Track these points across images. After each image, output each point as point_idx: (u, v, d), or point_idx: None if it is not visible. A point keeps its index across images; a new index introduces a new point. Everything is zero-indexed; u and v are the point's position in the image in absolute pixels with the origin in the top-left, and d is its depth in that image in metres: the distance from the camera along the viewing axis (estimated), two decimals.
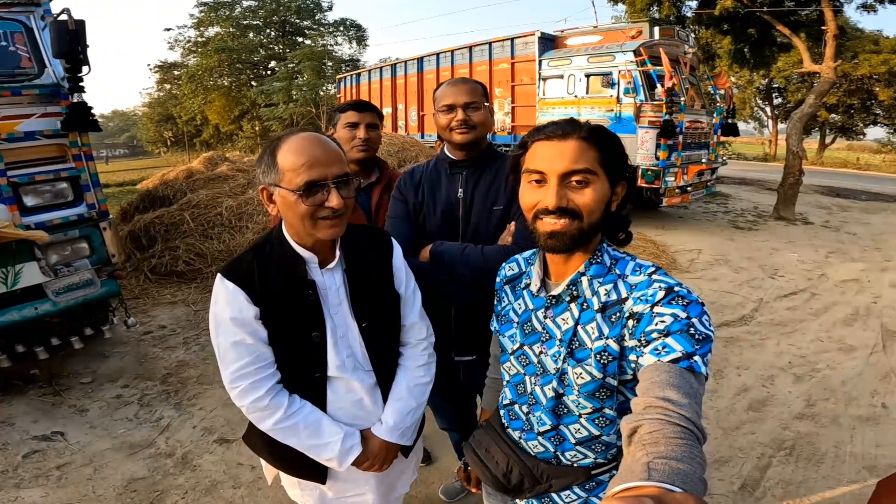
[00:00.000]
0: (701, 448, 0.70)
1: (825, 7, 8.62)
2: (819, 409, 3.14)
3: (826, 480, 2.51)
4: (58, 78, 3.16)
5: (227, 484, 2.52)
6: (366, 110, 2.02)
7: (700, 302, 0.92)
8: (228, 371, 1.23)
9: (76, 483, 2.54)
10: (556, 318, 1.06)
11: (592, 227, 1.00)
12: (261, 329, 1.23)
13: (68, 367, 3.65)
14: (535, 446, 1.13)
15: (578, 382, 1.01)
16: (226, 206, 6.28)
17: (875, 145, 31.75)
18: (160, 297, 5.06)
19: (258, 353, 1.24)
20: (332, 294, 1.28)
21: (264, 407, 1.25)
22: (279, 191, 1.17)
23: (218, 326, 1.23)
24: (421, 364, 1.46)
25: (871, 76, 21.90)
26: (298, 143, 1.16)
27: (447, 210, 1.69)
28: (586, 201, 0.97)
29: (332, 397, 1.32)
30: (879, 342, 4.09)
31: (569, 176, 0.97)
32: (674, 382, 0.79)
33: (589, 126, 1.01)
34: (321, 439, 1.30)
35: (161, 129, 36.37)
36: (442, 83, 1.73)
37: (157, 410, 3.17)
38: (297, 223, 1.18)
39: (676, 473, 0.61)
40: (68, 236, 3.18)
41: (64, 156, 3.18)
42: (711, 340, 0.88)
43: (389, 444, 1.39)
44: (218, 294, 1.23)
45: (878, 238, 7.84)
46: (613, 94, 8.23)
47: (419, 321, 1.45)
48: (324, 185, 1.15)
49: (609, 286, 1.01)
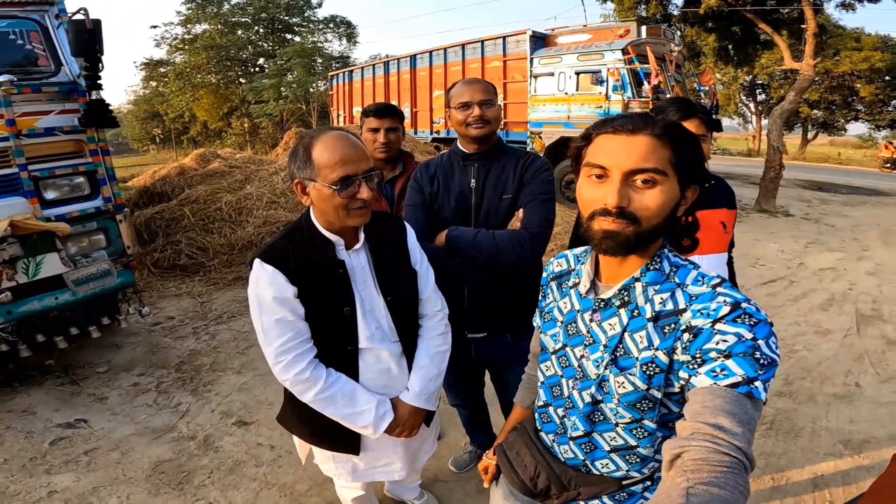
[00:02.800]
0: (746, 477, 0.67)
1: (805, 6, 8.90)
2: (796, 388, 3.36)
3: (804, 453, 2.71)
4: (73, 76, 3.26)
5: (250, 463, 2.66)
6: (385, 116, 2.19)
7: (769, 322, 0.84)
8: (273, 347, 1.35)
9: (105, 467, 2.65)
10: (603, 322, 1.00)
11: (652, 231, 0.91)
12: (299, 306, 1.35)
13: (83, 357, 3.76)
14: (566, 451, 1.09)
15: (619, 392, 0.96)
16: (225, 201, 6.39)
17: (856, 141, 32.47)
18: (165, 290, 5.17)
19: (298, 329, 1.36)
20: (358, 272, 1.43)
21: (306, 379, 1.37)
22: (315, 185, 1.30)
23: (261, 306, 1.34)
24: (439, 333, 1.61)
25: (853, 73, 22.42)
26: (332, 142, 1.29)
27: (460, 199, 1.83)
28: (650, 204, 0.88)
29: (363, 368, 1.46)
30: (854, 326, 4.33)
31: (635, 174, 0.88)
32: (728, 409, 0.74)
33: (664, 122, 0.91)
34: (357, 407, 1.43)
35: (147, 126, 35.97)
36: (456, 82, 1.88)
37: (175, 397, 3.30)
38: (332, 213, 1.32)
39: (716, 500, 0.59)
40: (86, 228, 3.29)
41: (81, 151, 3.29)
42: (776, 365, 0.81)
43: (417, 409, 1.53)
44: (258, 277, 1.34)
45: (857, 229, 8.14)
46: (602, 91, 8.45)
47: (434, 294, 1.60)
48: (355, 180, 1.29)
49: (665, 295, 0.93)
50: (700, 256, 1.72)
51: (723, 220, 1.77)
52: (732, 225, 1.85)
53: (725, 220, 1.78)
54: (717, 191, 1.80)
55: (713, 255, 1.76)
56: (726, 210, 1.80)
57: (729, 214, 1.81)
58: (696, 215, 1.69)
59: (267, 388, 3.36)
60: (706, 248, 1.73)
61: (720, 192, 1.82)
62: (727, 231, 1.79)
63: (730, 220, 1.81)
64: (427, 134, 12.78)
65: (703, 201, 1.69)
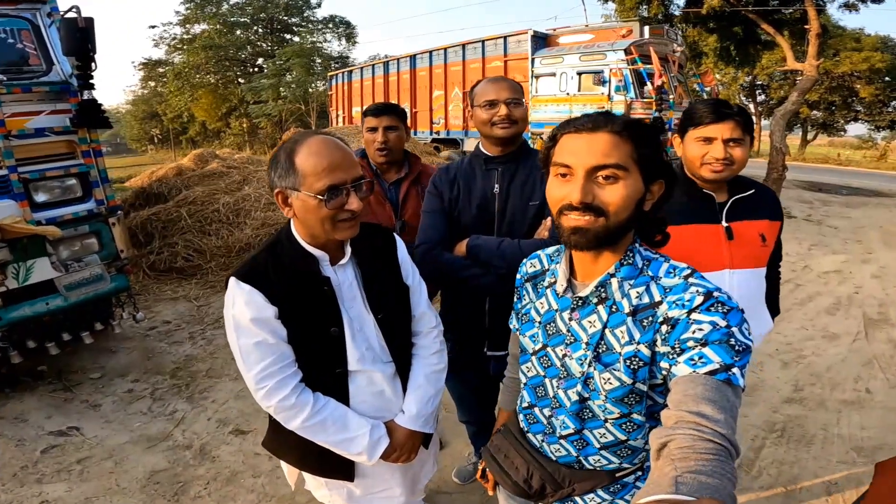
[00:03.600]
0: (733, 464, 0.68)
1: (808, 6, 8.85)
2: (806, 394, 3.29)
3: (817, 460, 2.64)
4: (65, 75, 3.19)
5: (247, 473, 2.59)
6: (383, 114, 2.08)
7: (740, 309, 0.87)
8: (253, 372, 1.24)
9: (99, 476, 2.58)
10: (583, 320, 1.01)
11: (620, 226, 0.93)
12: (280, 328, 1.24)
13: (76, 362, 3.69)
14: (557, 450, 1.10)
15: (606, 388, 0.97)
16: (222, 202, 6.30)
17: (855, 141, 32.45)
18: (161, 294, 5.09)
19: (281, 352, 1.25)
20: (346, 289, 1.31)
21: (291, 405, 1.26)
22: (299, 195, 1.17)
23: (238, 328, 1.23)
24: (434, 351, 1.50)
25: (853, 73, 22.41)
26: (317, 147, 1.17)
27: (482, 205, 1.72)
28: (613, 199, 0.91)
29: (353, 391, 1.35)
30: (861, 330, 4.26)
31: (596, 171, 0.91)
32: (709, 396, 0.75)
33: (624, 119, 0.95)
34: (350, 433, 1.31)
35: (146, 126, 35.91)
36: (480, 80, 1.77)
37: (170, 404, 3.22)
38: (317, 226, 1.20)
39: (704, 487, 0.60)
40: (78, 232, 3.21)
41: (73, 152, 3.21)
42: (751, 351, 0.84)
43: (414, 433, 1.42)
44: (234, 297, 1.23)
45: (859, 231, 8.08)
46: (605, 91, 8.40)
47: (427, 310, 1.49)
48: (344, 189, 1.17)
49: (641, 289, 0.96)
50: (731, 271, 1.59)
51: (762, 233, 1.62)
52: (775, 237, 1.69)
53: (766, 233, 1.63)
54: (757, 199, 1.65)
55: (747, 269, 1.61)
56: (768, 221, 1.64)
57: (771, 226, 1.65)
58: (732, 226, 1.61)
59: None
60: (738, 262, 1.59)
61: (761, 200, 1.66)
62: (766, 244, 1.63)
63: (771, 233, 1.65)
64: (427, 134, 12.73)
65: (739, 212, 1.61)
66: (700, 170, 1.56)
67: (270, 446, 1.49)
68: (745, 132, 1.52)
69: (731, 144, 1.51)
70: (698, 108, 1.59)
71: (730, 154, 1.51)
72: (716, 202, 1.59)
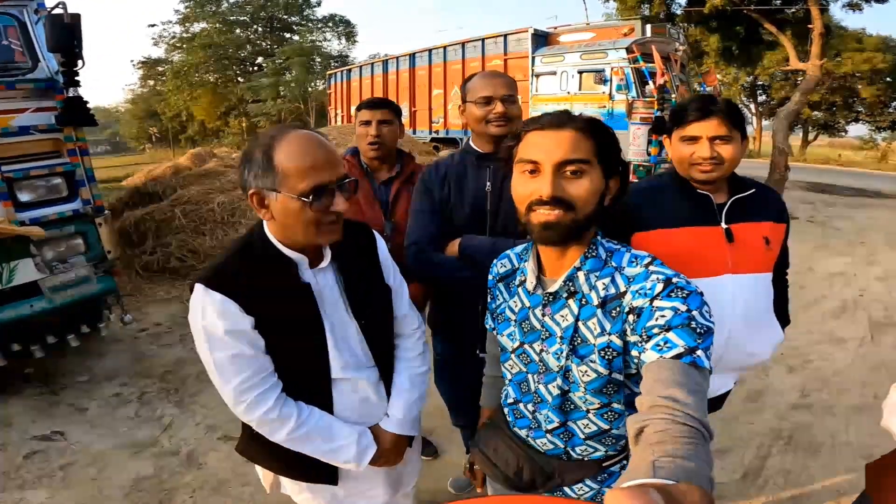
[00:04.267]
0: (708, 447, 0.70)
1: (812, 5, 8.76)
2: (813, 400, 3.21)
3: (825, 469, 2.57)
4: (51, 72, 3.10)
5: (236, 482, 2.50)
6: (378, 107, 2.01)
7: (699, 292, 0.90)
8: (230, 387, 1.16)
9: (81, 483, 2.51)
10: (555, 315, 1.04)
11: (587, 218, 0.97)
12: (258, 338, 1.16)
13: (64, 365, 3.60)
14: (545, 443, 1.12)
15: (584, 380, 1.00)
16: (218, 202, 6.21)
17: (856, 142, 32.38)
18: (153, 295, 5.01)
19: (259, 364, 1.17)
20: (327, 294, 1.23)
21: (275, 418, 1.19)
22: (279, 196, 1.07)
23: (210, 341, 1.13)
24: (418, 353, 1.46)
25: (854, 74, 22.33)
26: (299, 145, 1.07)
27: (475, 203, 1.67)
28: (580, 192, 0.94)
29: (337, 399, 1.29)
30: (868, 334, 4.18)
31: (564, 165, 0.94)
32: (678, 380, 0.78)
33: (585, 117, 0.99)
34: (337, 442, 1.27)
35: (145, 125, 35.88)
36: (474, 74, 1.71)
37: (158, 408, 3.14)
38: (298, 229, 1.11)
39: (683, 471, 0.61)
40: (63, 232, 3.13)
41: (59, 151, 3.12)
42: (713, 332, 0.87)
43: (400, 437, 1.38)
44: (204, 307, 1.12)
45: (863, 233, 7.99)
46: (606, 90, 8.32)
47: (410, 311, 1.45)
48: (329, 190, 1.09)
49: (607, 279, 0.99)
50: (732, 276, 1.47)
51: (766, 235, 1.51)
52: (781, 241, 1.58)
53: (770, 236, 1.52)
54: (760, 200, 1.54)
55: (749, 274, 1.49)
56: (772, 224, 1.54)
57: (775, 229, 1.54)
58: (732, 228, 1.48)
59: None
60: (740, 266, 1.48)
61: (763, 201, 1.56)
62: (770, 248, 1.52)
63: (776, 236, 1.54)
64: (426, 133, 12.65)
65: (739, 213, 1.50)
66: (690, 171, 1.47)
67: (247, 453, 1.40)
68: (733, 128, 1.42)
69: (718, 142, 1.42)
70: (682, 107, 1.50)
71: (717, 152, 1.42)
72: (714, 203, 1.49)
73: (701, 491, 0.50)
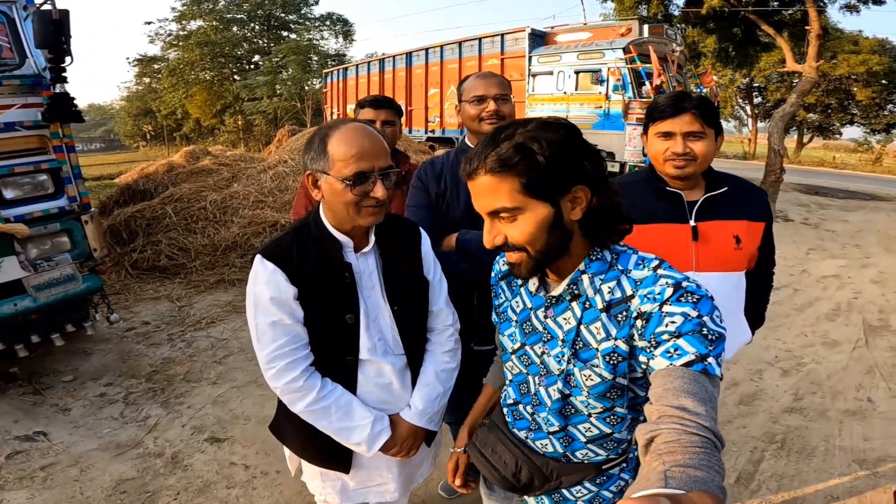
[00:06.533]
0: (719, 456, 0.69)
1: (809, 7, 8.76)
2: (807, 403, 3.18)
3: (818, 473, 2.54)
4: (39, 68, 3.07)
5: (221, 484, 2.46)
6: (382, 107, 2.04)
7: (710, 297, 0.88)
8: (266, 352, 1.26)
9: (62, 484, 2.47)
10: (557, 317, 1.02)
11: (546, 252, 0.93)
12: (298, 309, 1.26)
13: (49, 364, 3.55)
14: (545, 445, 1.10)
15: (587, 384, 0.98)
16: (210, 199, 6.17)
17: (851, 145, 32.51)
18: (142, 293, 4.94)
19: (295, 334, 1.27)
20: (365, 277, 1.33)
21: (298, 388, 1.27)
22: (327, 178, 1.21)
23: (257, 306, 1.26)
24: (447, 350, 1.49)
25: (850, 76, 22.40)
26: (350, 134, 1.21)
27: (470, 200, 1.67)
28: (519, 236, 0.91)
29: (362, 380, 1.36)
30: (862, 337, 4.16)
31: (496, 214, 0.92)
32: (688, 389, 0.76)
33: (497, 154, 0.88)
34: (352, 422, 1.32)
35: (140, 122, 35.70)
36: (470, 75, 1.78)
37: (144, 409, 3.09)
38: (342, 210, 1.23)
39: (694, 481, 0.60)
40: (49, 230, 3.09)
41: (45, 147, 3.09)
42: (724, 339, 0.84)
43: (417, 429, 1.42)
44: (258, 274, 1.26)
45: (857, 235, 8.00)
46: (602, 90, 8.29)
47: (446, 308, 1.49)
48: (370, 176, 1.20)
49: (612, 283, 0.95)
50: (696, 274, 1.46)
51: (737, 234, 1.49)
52: (757, 240, 1.56)
53: (742, 235, 1.50)
54: (735, 199, 1.53)
55: (713, 273, 1.49)
56: (747, 222, 1.52)
57: (751, 228, 1.52)
58: (699, 226, 1.47)
59: (244, 401, 3.15)
60: (704, 264, 1.48)
61: (740, 200, 1.54)
62: (741, 247, 1.50)
63: (750, 235, 1.52)
64: (422, 133, 12.61)
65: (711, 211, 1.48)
66: (664, 166, 1.49)
67: (278, 432, 1.50)
68: (706, 125, 1.42)
69: (691, 138, 1.43)
70: (657, 103, 1.51)
71: (690, 148, 1.43)
72: (685, 201, 1.50)
73: (713, 499, 0.50)
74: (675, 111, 1.43)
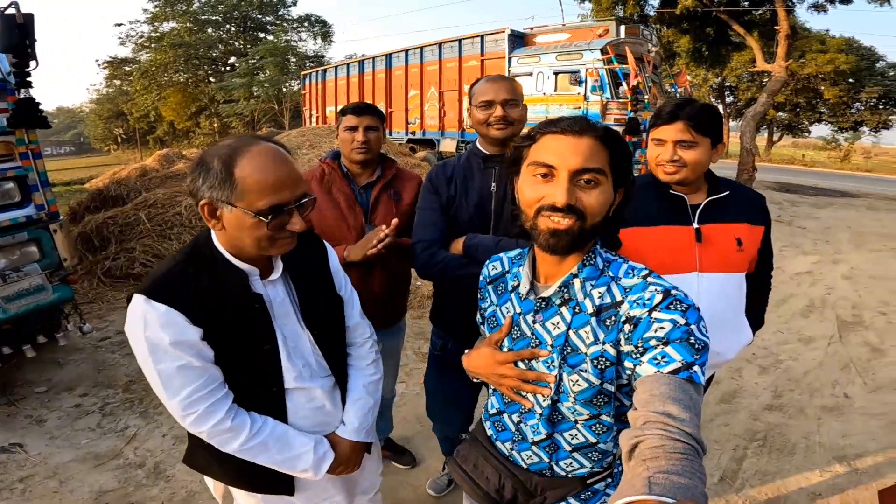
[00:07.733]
0: (701, 462, 0.70)
1: (778, 7, 8.97)
2: (786, 400, 3.25)
3: (800, 470, 2.59)
4: (3, 73, 2.95)
5: (205, 494, 2.40)
6: (364, 114, 2.00)
7: (696, 307, 0.89)
8: (178, 399, 1.10)
9: (41, 496, 2.40)
10: (546, 322, 1.02)
11: (594, 228, 0.95)
12: (207, 350, 1.12)
13: (21, 376, 3.43)
14: (529, 457, 1.09)
15: (575, 389, 0.98)
16: (185, 205, 6.02)
17: (819, 142, 33.40)
18: (116, 301, 4.81)
19: (208, 375, 1.13)
20: (278, 305, 1.22)
21: (227, 429, 1.16)
22: (234, 210, 1.05)
23: (155, 353, 1.08)
24: (370, 361, 1.47)
25: (818, 75, 22.96)
26: (262, 160, 1.05)
27: (480, 203, 1.71)
28: (593, 202, 0.92)
29: (291, 408, 1.27)
30: (836, 333, 4.27)
31: (580, 174, 0.91)
32: (674, 396, 0.77)
33: (603, 126, 0.98)
34: (293, 451, 1.25)
35: (111, 125, 34.86)
36: (480, 79, 1.77)
37: (122, 419, 3.00)
38: (251, 244, 1.09)
39: (677, 487, 0.61)
40: (16, 239, 2.96)
41: (10, 154, 2.96)
42: (708, 349, 0.86)
43: (357, 445, 1.38)
44: (146, 318, 1.07)
45: (828, 231, 8.22)
46: (581, 91, 8.35)
47: (361, 321, 1.47)
48: (287, 209, 1.07)
49: (602, 289, 0.97)
50: (699, 275, 1.52)
51: (739, 237, 1.55)
52: (757, 243, 1.62)
53: (743, 237, 1.56)
54: (736, 202, 1.58)
55: (717, 273, 1.54)
56: (747, 225, 1.58)
57: (751, 231, 1.58)
58: (702, 229, 1.52)
59: None
60: (707, 265, 1.53)
61: (739, 203, 1.59)
62: (743, 249, 1.56)
63: (751, 237, 1.58)
64: (402, 135, 12.56)
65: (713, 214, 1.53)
66: (656, 171, 1.55)
67: (194, 462, 1.34)
68: (698, 134, 1.47)
69: (682, 146, 1.48)
70: (659, 108, 1.57)
71: (679, 156, 1.48)
72: (688, 204, 1.56)
73: None
74: (669, 119, 1.49)
